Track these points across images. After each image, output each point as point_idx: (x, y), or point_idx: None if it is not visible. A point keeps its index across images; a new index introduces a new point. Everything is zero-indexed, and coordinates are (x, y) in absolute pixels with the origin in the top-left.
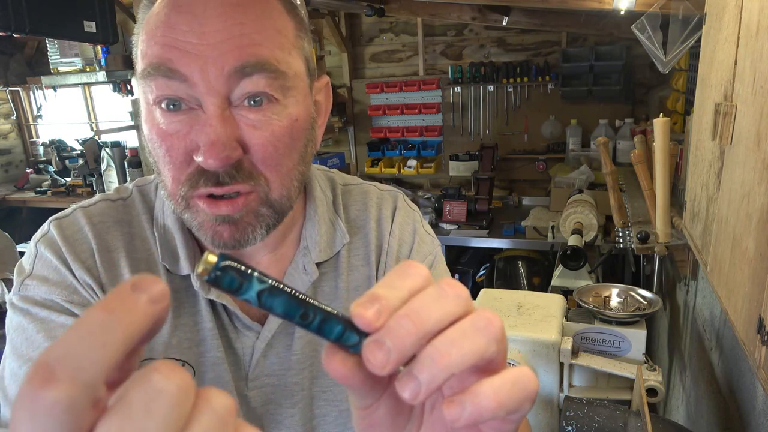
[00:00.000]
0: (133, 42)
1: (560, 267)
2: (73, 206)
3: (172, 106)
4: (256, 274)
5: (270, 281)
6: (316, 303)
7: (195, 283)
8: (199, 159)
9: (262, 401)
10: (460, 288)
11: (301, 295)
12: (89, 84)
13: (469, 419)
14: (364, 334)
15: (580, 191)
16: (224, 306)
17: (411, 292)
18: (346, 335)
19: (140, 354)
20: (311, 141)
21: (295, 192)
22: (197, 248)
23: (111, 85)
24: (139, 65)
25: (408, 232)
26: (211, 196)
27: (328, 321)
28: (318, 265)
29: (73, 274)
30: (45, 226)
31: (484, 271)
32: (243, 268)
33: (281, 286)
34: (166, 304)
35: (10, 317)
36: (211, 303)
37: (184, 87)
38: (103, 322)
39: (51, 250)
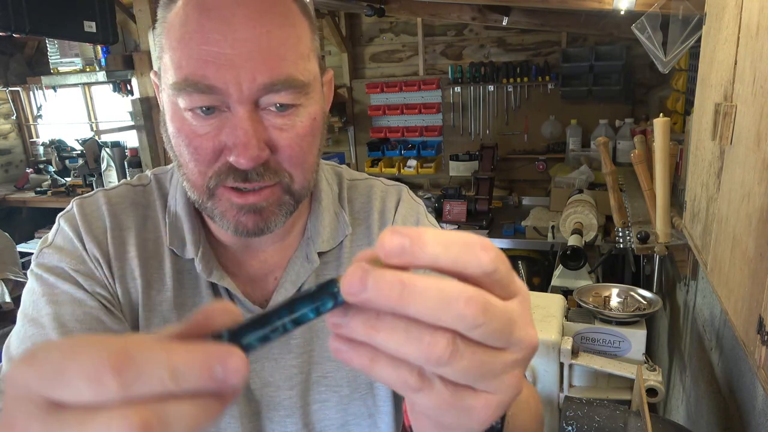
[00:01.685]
0: (155, 41)
1: (560, 267)
2: (98, 189)
3: (204, 109)
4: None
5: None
6: (271, 311)
7: (197, 266)
8: (231, 159)
9: (261, 383)
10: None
11: (258, 319)
12: (89, 84)
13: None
14: (335, 298)
15: (580, 191)
16: (226, 289)
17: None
18: (320, 306)
19: None
20: (324, 133)
21: (313, 181)
22: (203, 234)
23: (111, 85)
24: (172, 75)
25: (411, 222)
26: (236, 189)
27: (295, 311)
28: (321, 254)
29: (84, 247)
30: (70, 204)
31: None
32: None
33: (242, 327)
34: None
35: (28, 282)
36: (213, 286)
37: (218, 97)
38: (179, 370)
39: (69, 225)
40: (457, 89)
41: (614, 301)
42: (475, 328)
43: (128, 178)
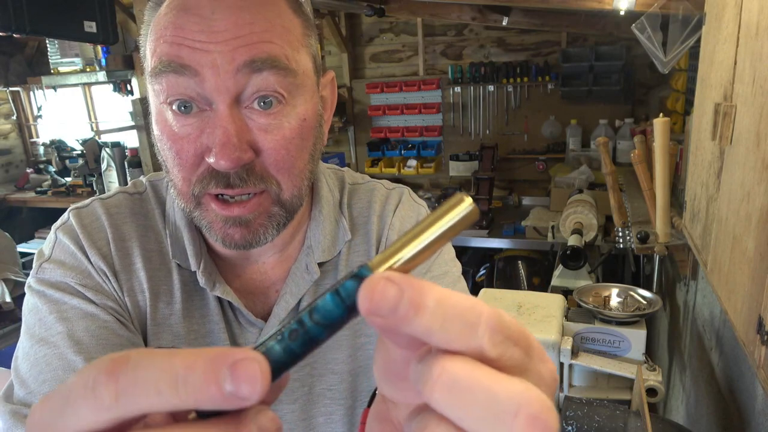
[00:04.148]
0: (140, 44)
1: (560, 267)
2: (92, 198)
3: (183, 108)
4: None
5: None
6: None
7: (200, 279)
8: (210, 160)
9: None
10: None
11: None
12: (89, 84)
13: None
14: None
15: (580, 191)
16: (229, 302)
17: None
18: (340, 289)
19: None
20: (319, 138)
21: (305, 190)
22: (204, 245)
23: (111, 85)
24: (149, 64)
25: (410, 224)
26: (221, 198)
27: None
28: (321, 264)
29: (89, 260)
30: (65, 215)
31: (484, 271)
32: None
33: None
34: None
35: (27, 299)
36: (218, 298)
37: (194, 84)
38: (179, 375)
39: (69, 237)
40: (457, 89)
41: (614, 301)
42: None
43: (129, 180)
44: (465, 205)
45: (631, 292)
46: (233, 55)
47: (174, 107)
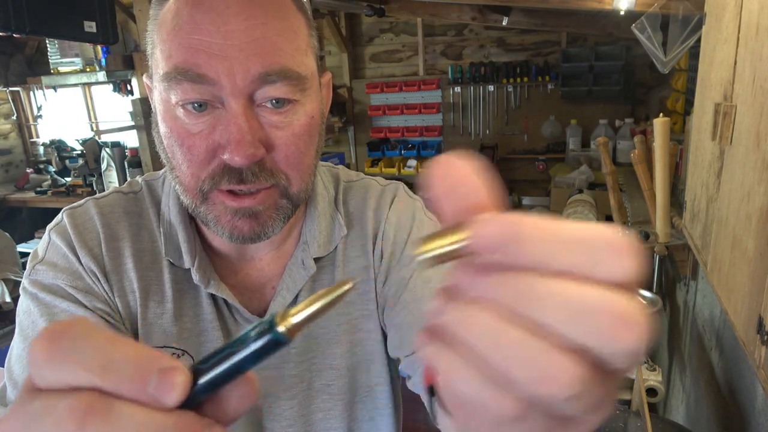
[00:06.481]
0: (147, 39)
1: None
2: (87, 198)
3: (197, 107)
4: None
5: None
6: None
7: (195, 276)
8: (225, 156)
9: (260, 393)
10: None
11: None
12: (89, 84)
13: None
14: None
15: (580, 191)
16: (224, 299)
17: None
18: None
19: None
20: (322, 135)
21: (311, 184)
22: (198, 243)
23: (111, 85)
24: (162, 66)
25: (406, 218)
26: (231, 192)
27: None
28: (317, 260)
29: (80, 261)
30: (59, 215)
31: None
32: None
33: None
34: None
35: (21, 300)
36: (213, 296)
37: (210, 89)
38: (113, 361)
39: (61, 238)
40: (457, 89)
41: None
42: (612, 354)
43: (127, 181)
44: (347, 286)
45: None
46: (248, 65)
47: (187, 107)
